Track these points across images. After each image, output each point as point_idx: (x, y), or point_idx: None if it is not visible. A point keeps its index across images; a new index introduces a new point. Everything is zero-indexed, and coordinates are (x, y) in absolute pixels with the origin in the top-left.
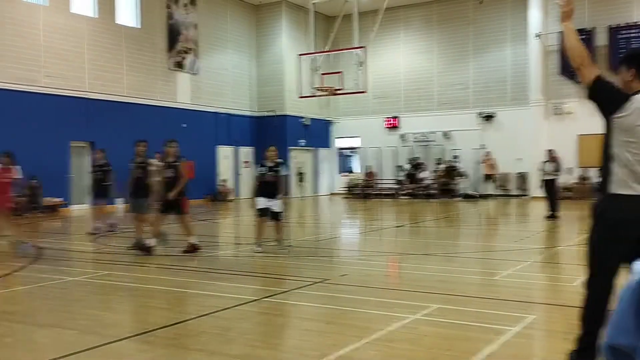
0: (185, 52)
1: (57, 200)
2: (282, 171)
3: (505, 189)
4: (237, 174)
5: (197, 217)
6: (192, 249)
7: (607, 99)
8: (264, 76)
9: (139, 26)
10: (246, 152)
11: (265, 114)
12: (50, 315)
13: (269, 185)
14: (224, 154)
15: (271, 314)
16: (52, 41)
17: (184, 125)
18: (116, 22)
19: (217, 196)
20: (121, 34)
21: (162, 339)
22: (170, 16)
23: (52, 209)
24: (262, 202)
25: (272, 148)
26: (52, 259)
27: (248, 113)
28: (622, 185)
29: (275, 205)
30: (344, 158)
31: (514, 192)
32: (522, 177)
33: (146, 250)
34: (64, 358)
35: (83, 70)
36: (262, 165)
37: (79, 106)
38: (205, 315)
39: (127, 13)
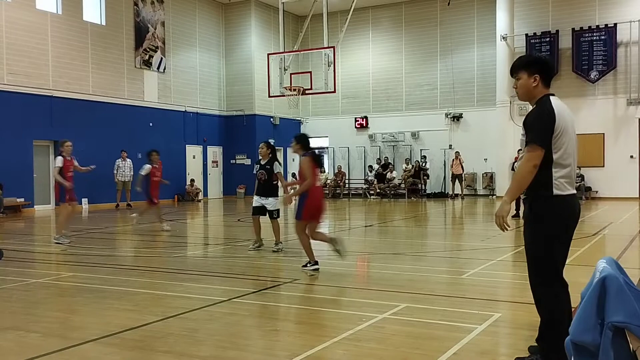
0: (153, 50)
1: (20, 200)
2: (275, 168)
3: (472, 188)
4: (205, 174)
5: (164, 217)
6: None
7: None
8: (233, 75)
9: (105, 23)
10: (215, 152)
11: (234, 113)
12: (13, 318)
13: (262, 183)
14: (193, 154)
15: (240, 315)
16: (16, 38)
17: (151, 124)
18: (83, 18)
19: (185, 196)
20: (87, 31)
21: (128, 341)
22: (137, 13)
23: (15, 209)
24: (256, 200)
25: (263, 145)
26: (15, 261)
27: (217, 112)
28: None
29: (269, 203)
30: None
31: (481, 192)
32: (489, 177)
33: None
34: None
35: (47, 67)
36: (256, 163)
37: (43, 104)
38: (173, 316)
39: (93, 10)
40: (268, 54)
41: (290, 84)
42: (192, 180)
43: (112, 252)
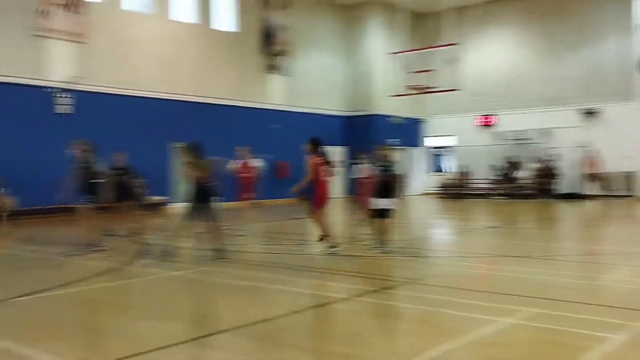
0: (280, 55)
1: (160, 198)
2: (395, 170)
3: (609, 189)
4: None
5: (290, 216)
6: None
7: None
8: (355, 76)
9: (236, 30)
10: (338, 152)
11: (356, 113)
12: (150, 308)
13: (383, 184)
14: None
15: (361, 313)
16: (156, 47)
17: (277, 126)
18: (214, 27)
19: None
20: (218, 38)
21: (257, 333)
22: (265, 20)
23: (156, 206)
24: (378, 202)
25: (384, 146)
26: (155, 255)
27: (340, 113)
28: None
29: (388, 203)
30: (434, 157)
31: (619, 193)
32: (629, 177)
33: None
34: (164, 349)
35: (182, 74)
36: (377, 165)
37: (179, 109)
38: (298, 312)
39: (225, 18)
40: (389, 54)
41: (413, 83)
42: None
43: (241, 248)
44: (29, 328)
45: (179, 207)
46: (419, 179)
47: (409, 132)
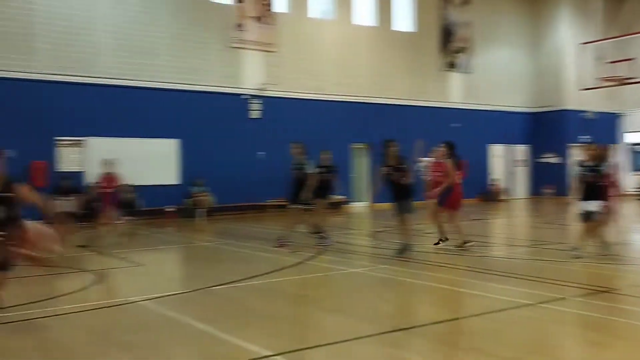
0: (459, 52)
1: (341, 197)
2: (606, 170)
3: None
4: (510, 174)
5: (468, 217)
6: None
7: None
8: (541, 70)
9: (414, 30)
10: (520, 151)
11: (542, 109)
12: (334, 302)
13: (590, 186)
14: (496, 153)
15: (546, 321)
16: (337, 52)
17: (456, 125)
18: (393, 28)
19: (489, 196)
20: (397, 39)
21: (434, 334)
22: (444, 17)
23: (337, 205)
24: (584, 205)
25: (593, 146)
26: (337, 251)
27: (523, 109)
28: None
29: (594, 206)
30: (635, 155)
31: None
32: None
33: (406, 252)
34: (345, 342)
35: (363, 77)
36: (581, 165)
37: (358, 111)
38: (477, 315)
39: (403, 19)
40: (581, 44)
41: (608, 74)
42: (496, 180)
43: (420, 248)
44: (225, 314)
45: (358, 205)
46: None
47: (602, 128)
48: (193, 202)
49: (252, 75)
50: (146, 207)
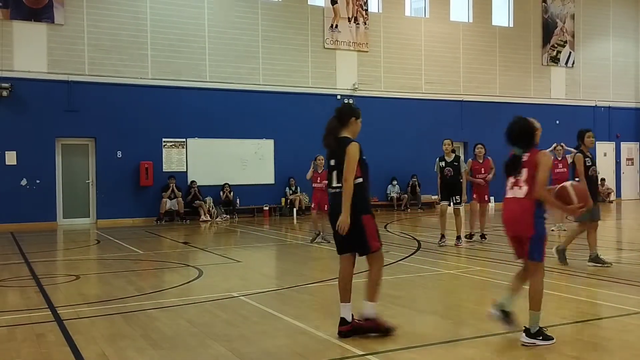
0: (561, 46)
1: (434, 197)
2: None
3: None
4: (618, 173)
5: (571, 218)
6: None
7: None
8: None
9: (512, 25)
10: (629, 149)
11: None
12: (429, 303)
13: None
14: (603, 151)
15: None
16: (432, 49)
17: (557, 122)
18: (490, 24)
19: (597, 197)
20: (495, 35)
21: None
22: (545, 10)
23: (429, 205)
24: None
25: None
26: (430, 252)
27: (632, 105)
28: None
29: None
30: None
31: None
32: None
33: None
34: (442, 344)
35: (458, 74)
36: None
37: (454, 108)
38: (582, 322)
39: (501, 14)
40: None
41: None
42: (603, 180)
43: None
44: (319, 312)
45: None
46: None
47: None
48: (288, 201)
49: (346, 76)
50: (243, 206)
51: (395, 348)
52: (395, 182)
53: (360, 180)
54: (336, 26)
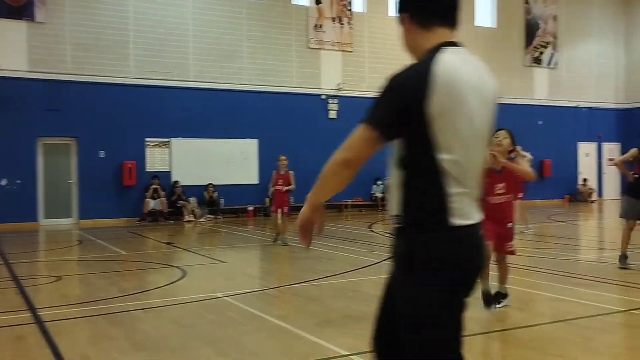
0: (543, 47)
1: None
2: None
3: None
4: (600, 173)
5: (553, 218)
6: None
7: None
8: (633, 64)
9: (495, 26)
10: (611, 149)
11: (634, 105)
12: None
13: None
14: (585, 151)
15: (637, 327)
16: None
17: (540, 122)
18: (473, 24)
19: (577, 196)
20: (478, 35)
21: (518, 340)
22: (528, 11)
23: None
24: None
25: None
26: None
27: (613, 105)
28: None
29: None
30: None
31: None
32: None
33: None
34: None
35: None
36: None
37: None
38: (563, 321)
39: (484, 14)
40: None
41: None
42: (585, 180)
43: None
44: (304, 312)
45: None
46: None
47: None
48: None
49: (331, 76)
50: (228, 206)
51: None
52: (379, 182)
53: None
54: (320, 26)
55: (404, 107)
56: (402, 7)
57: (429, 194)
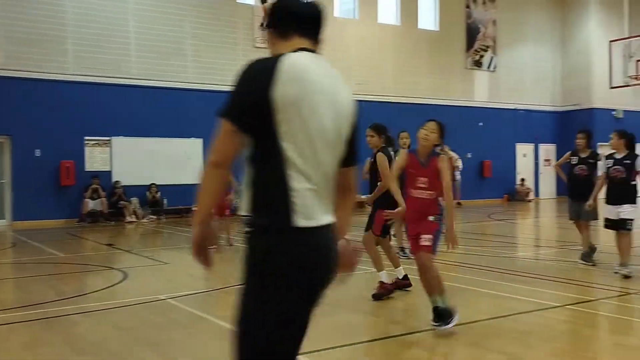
0: (484, 50)
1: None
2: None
3: None
4: (537, 173)
5: (493, 217)
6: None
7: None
8: (569, 68)
9: (438, 29)
10: (547, 150)
11: (570, 108)
12: (358, 304)
13: (616, 185)
14: (523, 152)
15: (576, 323)
16: (361, 51)
17: (481, 124)
18: (416, 27)
19: (515, 196)
20: (421, 38)
21: (461, 336)
22: (468, 15)
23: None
24: (608, 210)
25: (622, 132)
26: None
27: (550, 108)
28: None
29: (624, 211)
30: None
31: None
32: None
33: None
34: (368, 343)
35: (386, 76)
36: (610, 158)
37: (383, 110)
38: (503, 317)
39: (427, 17)
40: (610, 41)
41: (637, 72)
42: (523, 180)
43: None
44: None
45: None
46: None
47: (632, 126)
48: None
49: None
50: (171, 206)
51: (324, 348)
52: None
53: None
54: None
55: (252, 96)
56: (268, 25)
57: (273, 189)
